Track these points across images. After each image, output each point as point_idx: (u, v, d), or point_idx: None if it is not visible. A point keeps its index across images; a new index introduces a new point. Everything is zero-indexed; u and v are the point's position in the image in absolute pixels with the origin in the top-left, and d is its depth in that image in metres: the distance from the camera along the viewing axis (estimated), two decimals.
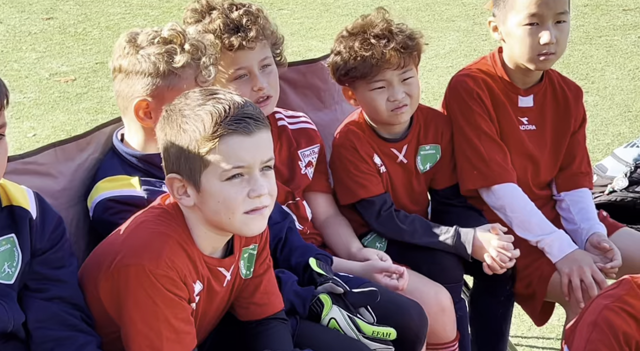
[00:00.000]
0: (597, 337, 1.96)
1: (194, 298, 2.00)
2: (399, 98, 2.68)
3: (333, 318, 2.24)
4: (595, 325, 1.98)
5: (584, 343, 1.98)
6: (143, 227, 1.99)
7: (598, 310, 1.99)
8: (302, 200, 2.75)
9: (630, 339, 1.94)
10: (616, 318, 1.96)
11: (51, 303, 1.92)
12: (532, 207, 2.77)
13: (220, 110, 1.92)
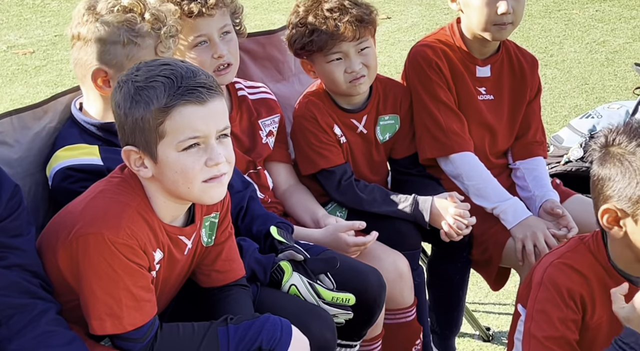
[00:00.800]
0: (543, 296, 2.00)
1: (154, 267, 2.01)
2: (356, 70, 2.69)
3: (293, 285, 2.26)
4: (540, 284, 2.02)
5: (532, 303, 2.03)
6: (102, 195, 1.98)
7: (543, 269, 2.04)
8: (264, 170, 2.77)
9: (575, 294, 1.99)
10: (559, 275, 2.01)
11: (10, 271, 1.91)
12: (488, 175, 2.82)
13: (173, 81, 1.91)
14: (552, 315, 1.97)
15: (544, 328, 1.97)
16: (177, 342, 2.00)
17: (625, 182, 1.91)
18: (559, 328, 1.96)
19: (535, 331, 1.98)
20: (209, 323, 2.04)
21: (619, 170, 1.92)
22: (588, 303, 2.00)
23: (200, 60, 2.52)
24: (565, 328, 1.96)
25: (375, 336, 2.53)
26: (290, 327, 2.06)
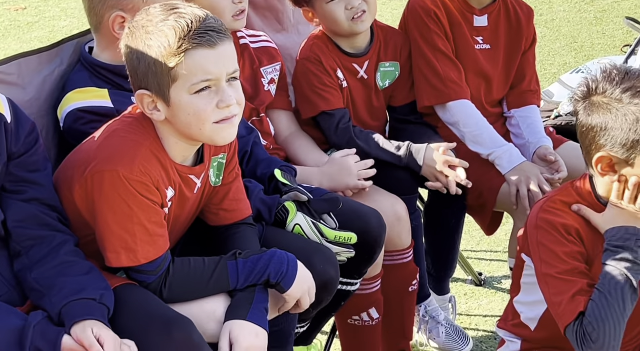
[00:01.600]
0: (543, 237, 2.06)
1: (167, 204, 2.06)
2: (356, 5, 2.72)
3: (298, 224, 2.32)
4: (538, 228, 2.08)
5: (536, 248, 2.08)
6: (116, 135, 2.02)
7: (536, 214, 2.10)
8: (266, 117, 2.81)
9: (570, 229, 2.05)
10: (551, 216, 2.07)
11: (29, 205, 1.96)
12: (484, 122, 2.88)
13: (183, 25, 1.93)
14: (558, 252, 2.03)
15: (556, 265, 2.03)
16: (188, 275, 2.06)
17: (617, 130, 1.97)
18: (568, 261, 2.02)
19: (548, 270, 2.04)
20: (218, 258, 2.10)
21: (609, 119, 1.98)
22: (584, 235, 2.07)
23: (222, 4, 2.54)
24: (574, 260, 2.03)
25: (375, 276, 2.61)
26: (296, 262, 2.12)
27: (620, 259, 1.99)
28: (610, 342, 1.96)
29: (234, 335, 2.02)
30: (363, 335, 2.67)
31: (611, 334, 1.96)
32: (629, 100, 1.95)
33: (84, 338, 1.82)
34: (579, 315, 1.98)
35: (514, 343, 2.24)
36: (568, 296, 1.99)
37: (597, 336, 1.95)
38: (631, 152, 1.97)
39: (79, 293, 1.87)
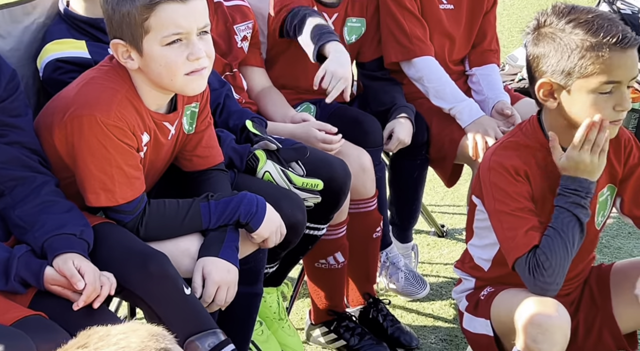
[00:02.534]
0: (495, 178, 2.18)
1: (142, 148, 2.15)
2: None
3: (267, 171, 2.43)
4: (490, 169, 2.20)
5: (489, 187, 2.20)
6: (94, 82, 2.10)
7: (488, 157, 2.22)
8: (239, 72, 2.90)
9: (519, 170, 2.18)
10: (502, 158, 2.19)
11: (11, 148, 2.04)
12: (447, 78, 3.00)
13: None
14: (510, 191, 2.15)
15: (508, 202, 2.15)
16: (163, 216, 2.17)
17: (557, 57, 2.08)
18: (520, 200, 2.15)
19: (501, 207, 2.16)
20: (192, 199, 2.20)
21: (552, 47, 2.09)
22: (530, 176, 2.19)
23: None
24: (525, 199, 2.15)
25: (340, 222, 2.73)
26: (264, 204, 2.24)
27: (572, 202, 2.12)
28: (559, 273, 2.10)
29: (206, 270, 2.14)
30: (329, 278, 2.80)
31: (560, 266, 2.10)
32: (571, 30, 2.07)
33: (65, 269, 1.92)
34: (532, 248, 2.11)
35: (469, 282, 2.39)
36: (522, 231, 2.12)
37: (549, 265, 2.09)
38: (568, 78, 2.09)
39: (60, 228, 1.97)
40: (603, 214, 2.32)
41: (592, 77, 2.06)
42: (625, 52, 2.05)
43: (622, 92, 2.08)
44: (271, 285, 2.73)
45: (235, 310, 2.34)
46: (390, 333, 2.88)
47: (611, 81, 2.07)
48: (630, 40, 2.04)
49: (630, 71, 2.08)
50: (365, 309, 2.92)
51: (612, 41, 2.03)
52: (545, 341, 2.04)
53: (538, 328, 2.05)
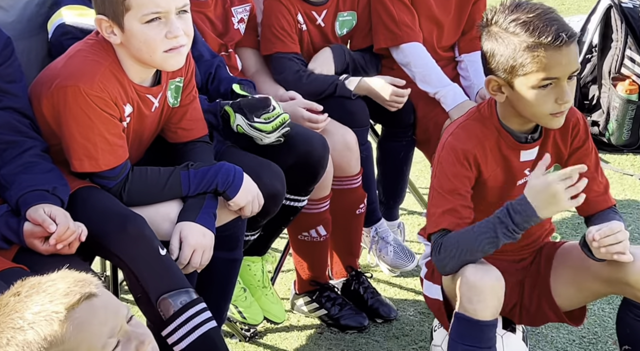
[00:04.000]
0: (443, 157, 2.29)
1: (125, 118, 2.25)
2: None
3: (239, 125, 2.50)
4: (443, 148, 2.30)
5: (436, 164, 2.31)
6: (79, 54, 2.21)
7: (446, 136, 2.31)
8: (234, 53, 3.00)
9: (469, 154, 2.27)
10: (456, 141, 2.28)
11: (4, 112, 2.15)
12: (433, 63, 3.07)
13: None
14: (448, 171, 2.26)
15: (442, 182, 2.27)
16: (145, 182, 2.28)
17: (501, 56, 2.17)
18: (453, 181, 2.25)
19: (435, 184, 2.29)
20: (172, 168, 2.31)
21: (496, 46, 2.18)
22: (481, 161, 2.28)
23: None
24: (459, 182, 2.25)
25: (323, 197, 2.82)
26: (242, 173, 2.34)
27: (503, 222, 2.15)
28: (448, 264, 2.21)
29: (183, 234, 2.25)
30: (311, 250, 2.90)
31: (452, 259, 2.20)
32: (512, 30, 2.14)
33: (36, 216, 2.02)
34: (440, 229, 2.22)
35: (428, 248, 2.48)
36: (440, 210, 2.24)
37: (444, 254, 2.20)
38: (511, 75, 2.17)
39: (34, 185, 2.08)
40: None
41: (531, 75, 2.14)
42: (559, 50, 2.11)
43: (562, 87, 2.16)
44: (255, 254, 2.84)
45: (215, 275, 2.46)
46: (370, 304, 2.98)
47: (548, 78, 2.14)
48: (563, 39, 2.10)
49: (567, 67, 2.14)
50: (347, 281, 3.02)
51: (546, 41, 2.10)
52: (479, 302, 2.14)
53: (473, 290, 2.15)
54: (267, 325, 2.91)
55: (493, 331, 2.21)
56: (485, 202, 2.36)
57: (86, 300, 1.41)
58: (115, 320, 1.45)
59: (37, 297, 1.40)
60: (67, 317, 1.38)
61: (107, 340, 1.43)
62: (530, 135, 2.32)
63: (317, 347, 2.86)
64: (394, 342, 2.87)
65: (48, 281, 1.43)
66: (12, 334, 1.38)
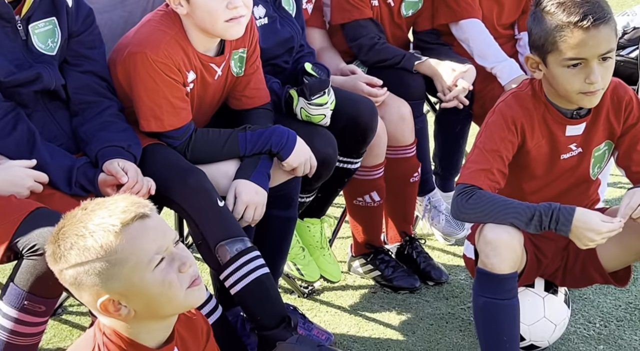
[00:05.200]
0: (492, 120, 2.41)
1: (188, 84, 2.45)
2: None
3: (302, 108, 2.67)
4: (493, 112, 2.42)
5: (484, 126, 2.43)
6: (148, 24, 2.43)
7: (498, 102, 2.43)
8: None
9: (517, 121, 2.38)
10: (507, 108, 2.39)
11: (85, 75, 2.41)
12: (490, 39, 3.16)
13: None
14: (494, 133, 2.37)
15: (486, 141, 2.38)
16: (207, 142, 2.50)
17: (535, 34, 2.28)
18: (497, 142, 2.36)
19: (479, 143, 2.40)
20: (231, 130, 2.52)
21: (534, 25, 2.29)
22: (527, 129, 2.39)
23: None
24: (502, 145, 2.36)
25: (377, 165, 2.97)
26: (295, 136, 2.52)
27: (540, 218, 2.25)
28: (465, 217, 2.35)
29: (237, 190, 2.45)
30: (366, 214, 3.06)
31: (470, 216, 2.34)
32: (548, 9, 2.25)
33: (111, 168, 2.27)
34: (473, 185, 2.32)
35: None
36: (478, 166, 2.35)
37: (472, 205, 2.30)
38: (544, 53, 2.28)
39: (111, 141, 2.33)
40: (599, 166, 2.51)
41: (559, 54, 2.25)
42: (587, 31, 2.20)
43: (591, 67, 2.24)
44: (314, 216, 3.02)
45: (271, 232, 2.66)
46: (422, 267, 3.11)
47: (575, 58, 2.24)
48: (590, 21, 2.19)
49: (594, 49, 2.22)
50: (401, 246, 3.17)
51: (574, 21, 2.20)
52: (496, 256, 2.25)
53: (489, 246, 2.27)
54: (324, 284, 3.09)
55: (512, 284, 2.33)
56: (528, 173, 2.46)
57: (140, 219, 1.64)
58: (163, 240, 1.67)
59: (100, 212, 1.64)
60: (121, 231, 1.62)
61: (153, 256, 1.65)
62: (577, 111, 2.40)
63: (370, 305, 3.01)
64: (443, 302, 3.00)
65: (110, 200, 1.67)
66: (75, 240, 1.63)
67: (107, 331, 1.73)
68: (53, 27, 2.37)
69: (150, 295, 1.67)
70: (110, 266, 1.62)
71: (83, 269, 1.63)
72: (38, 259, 2.06)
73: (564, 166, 2.46)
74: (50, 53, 2.37)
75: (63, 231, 1.66)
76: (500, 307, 2.32)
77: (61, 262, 1.66)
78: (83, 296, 1.68)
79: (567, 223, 2.23)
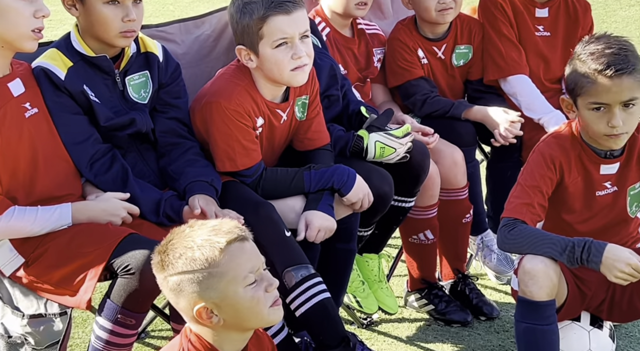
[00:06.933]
0: (533, 159, 2.64)
1: (257, 128, 2.73)
2: (446, 1, 3.31)
3: (377, 141, 2.88)
4: (534, 152, 2.66)
5: (526, 164, 2.66)
6: (222, 77, 2.74)
7: (540, 142, 2.67)
8: (369, 83, 3.45)
9: (555, 159, 2.60)
10: (547, 147, 2.62)
11: (170, 121, 2.73)
12: (537, 93, 3.40)
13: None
14: (535, 170, 2.60)
15: (527, 178, 2.61)
16: (275, 179, 2.77)
17: (569, 79, 2.53)
18: (537, 179, 2.59)
19: (521, 180, 2.63)
20: (297, 168, 2.79)
21: (569, 71, 2.55)
22: (565, 167, 2.61)
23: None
24: (542, 181, 2.59)
25: (431, 205, 3.21)
26: (355, 174, 2.78)
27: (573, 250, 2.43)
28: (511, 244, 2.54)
29: (308, 219, 2.70)
30: (421, 251, 3.28)
31: (511, 247, 2.55)
32: (581, 57, 2.51)
33: (192, 205, 2.55)
34: (516, 218, 2.53)
35: None
36: (520, 201, 2.57)
37: (514, 236, 2.51)
38: (573, 96, 2.52)
39: (197, 177, 2.63)
40: (637, 205, 2.69)
41: (585, 98, 2.49)
42: (610, 79, 2.43)
43: (613, 112, 2.47)
44: (373, 251, 3.25)
45: (333, 263, 2.91)
46: (475, 303, 3.29)
47: (598, 102, 2.47)
48: (613, 71, 2.42)
49: (616, 95, 2.45)
50: (455, 283, 3.36)
51: (599, 69, 2.44)
52: (534, 285, 2.44)
53: (527, 275, 2.47)
54: (382, 316, 3.30)
55: (550, 310, 2.51)
56: (567, 207, 2.66)
57: (240, 240, 1.92)
58: (257, 262, 1.95)
59: (206, 230, 1.93)
60: (225, 248, 1.89)
61: (247, 274, 1.92)
62: (610, 152, 2.61)
63: (425, 336, 3.21)
64: (494, 336, 3.16)
65: (215, 222, 1.95)
66: (184, 251, 1.91)
67: (193, 338, 1.98)
68: (146, 80, 2.71)
69: (239, 307, 1.92)
70: (210, 278, 1.88)
71: (187, 277, 1.89)
72: (131, 278, 2.34)
73: (601, 203, 2.65)
74: (143, 102, 2.70)
75: (172, 243, 1.93)
76: (539, 332, 2.50)
77: (168, 269, 1.92)
78: (180, 302, 1.93)
79: (598, 254, 2.40)
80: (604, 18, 6.49)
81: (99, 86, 2.62)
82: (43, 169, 2.51)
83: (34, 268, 2.46)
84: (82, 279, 2.38)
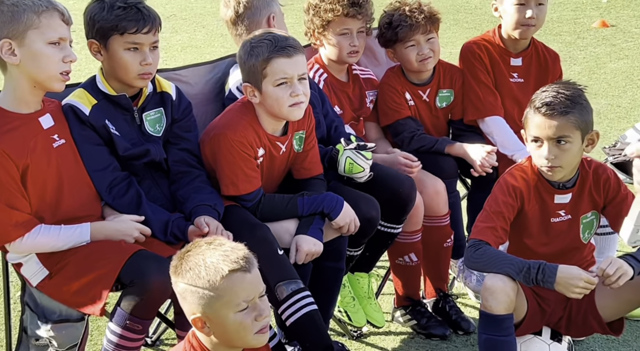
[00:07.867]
0: (497, 187, 2.67)
1: (258, 157, 2.77)
2: (425, 52, 3.36)
3: (348, 157, 2.91)
4: (498, 182, 2.68)
5: (492, 193, 2.68)
6: (229, 112, 2.80)
7: (503, 174, 2.68)
8: (363, 122, 3.48)
9: (516, 189, 2.62)
10: (510, 178, 2.65)
11: (181, 152, 2.78)
12: (510, 132, 3.40)
13: (272, 42, 2.64)
14: (498, 198, 2.62)
15: (492, 204, 2.63)
16: (272, 204, 2.81)
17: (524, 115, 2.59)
18: (500, 205, 2.60)
19: (486, 206, 2.67)
20: (292, 195, 2.83)
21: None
22: (525, 196, 2.63)
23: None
24: (505, 207, 2.60)
25: (415, 230, 3.20)
26: (342, 201, 2.80)
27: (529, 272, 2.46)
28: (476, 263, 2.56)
29: (298, 243, 2.73)
30: (406, 272, 3.27)
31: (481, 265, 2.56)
32: (533, 98, 2.63)
33: (197, 222, 2.60)
34: (481, 240, 2.55)
35: None
36: (486, 225, 2.59)
37: (479, 256, 2.54)
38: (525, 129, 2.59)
39: (202, 201, 2.67)
40: (589, 232, 2.71)
41: (527, 131, 2.61)
42: (544, 117, 2.54)
43: (544, 146, 2.53)
44: (363, 270, 3.25)
45: (323, 280, 2.91)
46: (454, 319, 3.27)
47: (533, 136, 2.56)
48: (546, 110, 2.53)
49: (545, 131, 2.54)
50: (437, 300, 3.34)
51: (537, 106, 2.56)
52: (493, 300, 2.45)
53: (488, 291, 2.48)
54: (371, 329, 3.29)
55: (508, 323, 2.51)
56: (527, 232, 2.67)
57: (242, 271, 1.97)
58: (253, 292, 2.00)
59: (218, 252, 1.98)
60: (227, 276, 1.95)
61: (241, 302, 1.98)
62: (563, 184, 2.62)
63: (408, 348, 3.19)
64: (469, 348, 3.14)
65: (231, 244, 2.02)
66: (193, 266, 1.98)
67: (194, 341, 2.06)
68: (161, 115, 2.77)
69: (227, 329, 1.98)
70: (208, 296, 1.96)
71: (190, 289, 1.98)
72: (138, 289, 2.38)
73: (556, 229, 2.65)
74: (157, 135, 2.76)
75: (188, 254, 2.01)
76: (498, 343, 2.50)
77: (179, 276, 2.01)
78: (184, 305, 2.03)
79: (552, 275, 2.42)
80: (595, 70, 6.49)
81: (119, 121, 2.69)
82: (68, 192, 2.57)
83: (56, 279, 2.51)
84: (97, 289, 2.43)
